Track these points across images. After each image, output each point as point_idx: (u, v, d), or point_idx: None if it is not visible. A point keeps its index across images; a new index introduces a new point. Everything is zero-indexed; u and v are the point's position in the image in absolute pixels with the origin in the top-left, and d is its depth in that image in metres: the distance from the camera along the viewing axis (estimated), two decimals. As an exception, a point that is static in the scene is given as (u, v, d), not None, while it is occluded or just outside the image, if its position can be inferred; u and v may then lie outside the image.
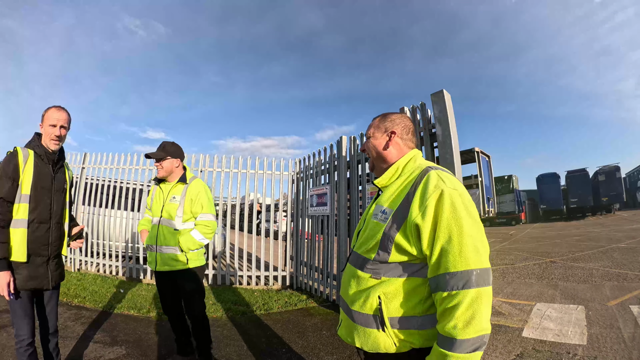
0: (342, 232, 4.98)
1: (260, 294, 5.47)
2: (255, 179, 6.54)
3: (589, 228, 17.46)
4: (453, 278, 1.09)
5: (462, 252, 1.09)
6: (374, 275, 1.29)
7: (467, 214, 1.14)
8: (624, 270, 6.93)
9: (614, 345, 3.43)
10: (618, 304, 4.75)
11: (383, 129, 1.48)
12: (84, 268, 6.67)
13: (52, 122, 2.22)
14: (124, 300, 4.83)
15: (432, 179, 1.20)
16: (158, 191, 2.96)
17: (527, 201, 30.48)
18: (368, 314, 1.27)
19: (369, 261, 1.31)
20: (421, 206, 1.17)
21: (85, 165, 6.91)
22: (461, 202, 1.15)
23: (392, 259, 1.25)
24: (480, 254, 1.11)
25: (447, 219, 1.12)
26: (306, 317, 4.43)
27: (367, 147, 1.52)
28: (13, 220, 2.10)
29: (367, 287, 1.30)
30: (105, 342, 3.45)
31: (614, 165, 26.82)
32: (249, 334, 3.81)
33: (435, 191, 1.16)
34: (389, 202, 1.31)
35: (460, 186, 1.21)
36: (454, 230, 1.11)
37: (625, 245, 10.35)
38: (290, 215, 6.57)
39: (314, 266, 5.62)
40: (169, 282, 2.90)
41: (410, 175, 1.33)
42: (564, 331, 3.82)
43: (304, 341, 3.64)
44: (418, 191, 1.21)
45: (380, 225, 1.29)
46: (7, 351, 3.03)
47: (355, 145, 4.92)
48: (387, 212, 1.29)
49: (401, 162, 1.40)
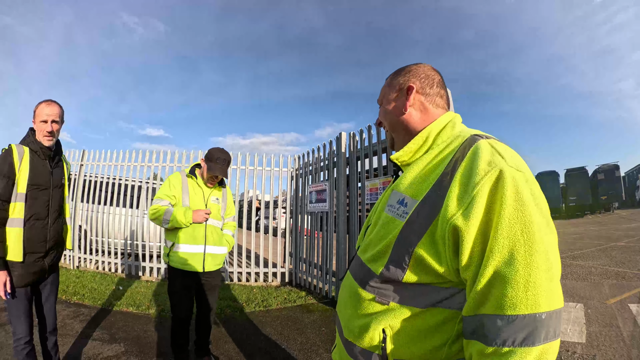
0: (341, 229, 4.97)
1: (259, 290, 5.47)
2: (254, 175, 6.52)
3: (587, 226, 17.49)
4: (509, 326, 0.66)
5: (530, 283, 0.65)
6: (379, 297, 0.86)
7: (541, 216, 0.70)
8: (623, 268, 6.94)
9: (613, 343, 3.43)
10: (617, 302, 4.76)
11: (397, 86, 1.01)
12: (82, 265, 6.66)
13: (43, 118, 2.16)
14: (123, 297, 4.82)
15: (483, 153, 0.75)
16: (194, 186, 2.82)
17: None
18: (365, 350, 0.89)
19: (374, 277, 0.88)
20: (464, 197, 0.72)
21: (83, 162, 6.89)
22: (530, 194, 0.70)
23: (407, 278, 0.81)
24: (555, 287, 0.67)
25: (510, 221, 0.67)
26: (305, 314, 4.43)
27: (380, 117, 1.09)
28: (9, 219, 2.06)
29: (368, 312, 0.89)
30: (104, 339, 3.44)
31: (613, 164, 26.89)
32: (247, 331, 3.80)
33: (490, 172, 0.71)
34: (411, 187, 0.85)
35: (525, 166, 0.75)
36: (519, 242, 0.66)
37: (624, 244, 10.38)
38: (290, 211, 6.56)
39: (313, 263, 5.61)
40: (193, 283, 2.85)
41: (446, 148, 0.86)
42: (563, 329, 3.82)
43: (303, 338, 3.63)
44: (459, 171, 0.76)
45: (394, 222, 0.85)
46: (6, 350, 3.02)
47: (355, 142, 4.90)
48: (409, 204, 0.83)
49: (433, 129, 0.92)
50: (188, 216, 2.63)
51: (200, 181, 2.86)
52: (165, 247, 2.80)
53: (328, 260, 5.16)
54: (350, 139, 4.99)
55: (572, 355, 3.21)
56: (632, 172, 31.82)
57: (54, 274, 2.38)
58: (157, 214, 2.64)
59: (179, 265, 2.69)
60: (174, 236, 2.70)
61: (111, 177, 6.87)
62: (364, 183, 4.58)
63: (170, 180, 2.80)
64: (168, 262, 2.74)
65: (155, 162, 6.60)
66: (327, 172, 5.52)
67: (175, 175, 2.83)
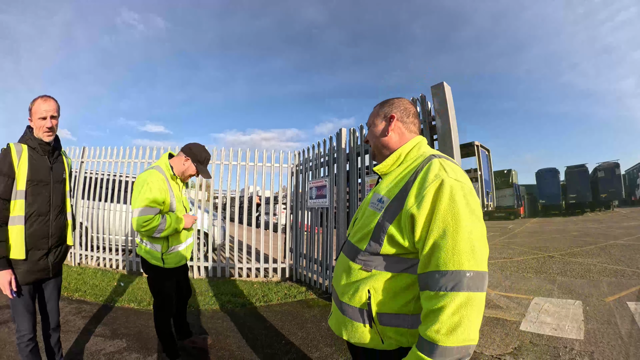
0: (341, 225, 4.99)
1: (260, 286, 5.49)
2: (254, 171, 6.53)
3: (587, 224, 17.51)
4: (443, 277, 0.99)
5: (455, 250, 0.99)
6: (364, 267, 1.21)
7: (468, 209, 1.04)
8: (622, 266, 6.96)
9: (611, 340, 3.45)
10: (615, 300, 4.78)
11: (382, 115, 1.39)
12: (84, 262, 6.69)
13: (42, 115, 2.15)
14: (124, 293, 4.85)
15: (433, 167, 1.11)
16: (175, 187, 2.73)
17: (526, 196, 30.59)
18: (356, 307, 1.22)
19: (361, 252, 1.23)
20: (418, 195, 1.08)
21: (84, 159, 6.90)
22: (462, 195, 1.05)
23: (383, 250, 1.17)
24: (476, 255, 1.00)
25: (444, 210, 1.02)
26: (305, 309, 4.45)
27: (368, 137, 1.45)
28: (10, 217, 2.06)
29: (357, 279, 1.23)
30: (106, 335, 3.47)
31: (614, 162, 26.89)
32: (248, 326, 3.83)
33: (435, 180, 1.07)
34: (387, 190, 1.22)
35: (465, 178, 1.11)
36: (449, 224, 1.01)
37: (623, 242, 10.40)
38: (290, 207, 6.58)
39: (313, 258, 5.63)
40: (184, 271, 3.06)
41: (412, 163, 1.23)
42: (561, 326, 3.84)
43: (303, 332, 3.66)
44: (418, 179, 1.12)
45: (375, 214, 1.21)
46: (9, 347, 3.05)
47: (355, 138, 4.91)
48: (384, 201, 1.20)
49: (404, 149, 1.30)
50: (181, 223, 2.66)
51: (177, 178, 2.76)
52: (152, 250, 2.63)
53: (328, 255, 5.18)
54: (351, 135, 5.00)
55: (569, 352, 3.23)
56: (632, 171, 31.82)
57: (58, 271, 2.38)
58: (150, 225, 2.46)
59: (174, 265, 2.69)
60: (163, 240, 2.61)
61: (112, 174, 6.87)
62: (364, 179, 4.60)
63: (151, 183, 2.52)
64: (160, 265, 2.63)
65: (156, 159, 6.59)
66: (327, 168, 5.53)
67: (157, 177, 2.56)
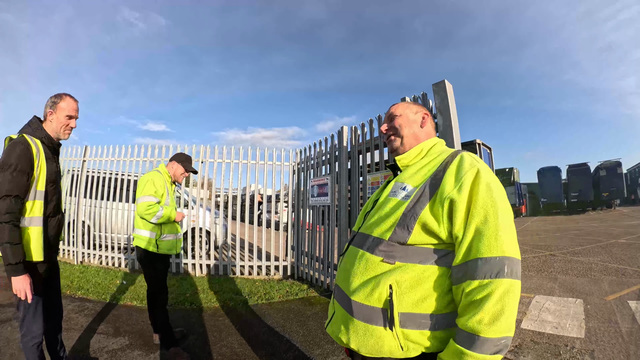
0: (342, 223, 5.00)
1: (262, 283, 5.51)
2: (256, 169, 6.54)
3: (588, 223, 17.48)
4: (487, 264, 0.95)
5: (498, 236, 0.97)
6: (386, 258, 1.09)
7: (502, 199, 1.03)
8: (623, 265, 6.95)
9: (612, 339, 3.46)
10: (616, 298, 4.78)
11: (415, 109, 1.40)
12: (86, 260, 6.72)
13: (71, 113, 2.13)
14: (127, 291, 4.87)
15: (466, 158, 1.11)
16: (168, 187, 3.32)
17: (528, 194, 30.55)
18: (374, 307, 1.07)
19: (383, 242, 1.12)
20: (457, 181, 1.05)
21: (86, 158, 6.93)
22: (496, 186, 1.05)
23: (412, 240, 1.07)
24: (514, 242, 0.99)
25: (484, 198, 1.01)
26: (307, 307, 4.47)
27: (398, 122, 1.38)
28: (27, 218, 1.95)
29: (376, 273, 1.10)
30: (109, 333, 3.49)
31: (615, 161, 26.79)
32: (250, 324, 3.85)
33: (471, 169, 1.06)
34: (413, 179, 1.18)
35: (492, 172, 1.11)
36: (490, 210, 0.99)
37: (624, 241, 10.37)
38: (291, 205, 6.60)
39: (314, 256, 5.65)
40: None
41: (437, 157, 1.22)
42: (562, 324, 3.85)
43: (305, 330, 3.67)
44: (452, 167, 1.10)
45: (401, 203, 1.13)
46: (13, 344, 3.06)
47: (357, 136, 4.91)
48: (410, 189, 1.15)
49: (426, 144, 1.31)
50: (174, 214, 3.19)
51: (167, 178, 3.36)
52: (148, 237, 3.09)
53: (330, 253, 5.20)
54: (352, 133, 5.01)
55: (570, 350, 3.24)
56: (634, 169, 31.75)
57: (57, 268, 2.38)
58: (152, 209, 3.02)
59: (165, 251, 3.14)
60: (158, 228, 3.12)
61: (113, 172, 6.90)
62: (365, 177, 4.60)
63: (154, 179, 3.16)
64: (154, 250, 3.07)
65: (157, 157, 6.63)
66: (328, 166, 5.54)
67: (158, 176, 3.23)
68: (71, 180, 7.12)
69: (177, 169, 3.40)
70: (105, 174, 6.88)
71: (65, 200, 7.09)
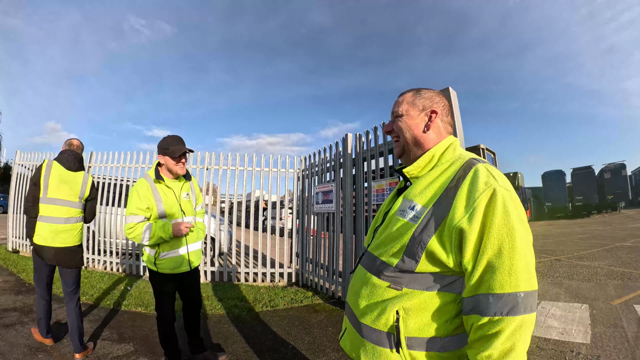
0: (347, 230, 5.02)
1: (266, 290, 5.52)
2: (260, 176, 6.58)
3: (594, 226, 17.40)
4: (499, 301, 0.90)
5: (512, 270, 0.89)
6: (393, 284, 1.06)
7: (521, 223, 0.93)
8: (629, 269, 6.92)
9: (618, 344, 3.45)
10: (622, 303, 4.76)
11: (420, 106, 1.20)
12: (91, 266, 6.76)
13: None
14: (131, 297, 4.89)
15: (481, 174, 0.98)
16: (164, 190, 2.71)
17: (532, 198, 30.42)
18: (381, 331, 1.07)
19: (390, 267, 1.07)
20: (468, 207, 0.95)
21: (91, 164, 6.99)
22: (514, 207, 0.93)
23: (420, 268, 1.02)
24: (531, 273, 0.92)
25: (499, 226, 0.91)
26: (312, 314, 4.47)
27: (400, 127, 1.22)
28: None
29: (383, 298, 1.08)
30: (113, 339, 3.50)
31: (620, 163, 26.69)
32: (255, 331, 3.86)
33: (486, 190, 0.94)
34: (422, 197, 1.07)
35: (511, 187, 0.99)
36: (505, 241, 0.90)
37: (630, 244, 10.33)
38: (296, 212, 6.62)
39: (319, 263, 5.66)
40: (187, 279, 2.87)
41: (449, 167, 1.08)
42: (567, 329, 3.84)
43: (310, 337, 3.68)
44: (464, 187, 0.98)
45: (409, 226, 1.05)
46: (17, 349, 3.09)
47: (361, 143, 4.94)
48: (419, 210, 1.05)
49: (437, 150, 1.14)
50: (168, 230, 2.58)
51: (168, 181, 2.74)
52: (148, 254, 2.69)
53: (334, 260, 5.21)
54: (357, 140, 5.03)
55: (576, 356, 3.23)
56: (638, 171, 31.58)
57: None
58: (134, 232, 2.54)
59: (169, 271, 2.68)
60: (155, 246, 2.64)
61: (118, 178, 6.96)
62: (370, 184, 4.62)
63: (137, 191, 2.61)
64: (154, 269, 2.68)
65: (162, 164, 6.65)
66: (333, 172, 5.57)
67: (142, 184, 2.64)
68: None
69: (167, 162, 2.69)
70: (110, 180, 6.95)
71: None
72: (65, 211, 3.07)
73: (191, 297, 2.99)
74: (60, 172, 3.04)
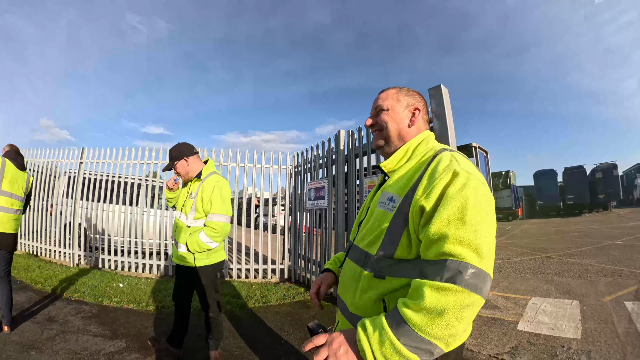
0: (339, 226, 5.01)
1: (259, 287, 5.50)
2: (253, 172, 6.55)
3: (585, 225, 17.55)
4: (440, 266, 0.89)
5: (458, 239, 0.89)
6: (377, 273, 1.09)
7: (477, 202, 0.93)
8: (619, 266, 6.98)
9: (608, 340, 3.47)
10: (613, 299, 4.80)
11: (405, 103, 1.27)
12: (83, 263, 6.69)
13: None
14: (124, 294, 4.84)
15: (444, 160, 1.03)
16: (185, 189, 3.06)
17: (525, 197, 30.66)
18: None
19: (372, 257, 1.11)
20: (428, 187, 0.99)
21: (83, 160, 6.92)
22: (473, 187, 0.95)
23: (398, 254, 1.05)
24: (481, 250, 0.89)
25: (452, 199, 0.93)
26: (304, 310, 4.47)
27: (384, 120, 1.27)
28: None
29: (369, 287, 1.11)
30: (106, 335, 3.48)
31: (611, 163, 26.96)
32: (248, 327, 3.84)
33: (445, 171, 0.98)
34: (397, 188, 1.12)
35: (476, 171, 1.02)
36: (456, 212, 0.92)
37: (621, 243, 10.42)
38: (288, 209, 6.60)
39: (311, 259, 5.65)
40: (182, 274, 2.90)
41: (422, 158, 1.14)
42: (558, 325, 3.86)
43: (302, 333, 3.67)
44: (428, 171, 1.04)
45: (386, 215, 1.10)
46: (10, 346, 3.10)
47: (353, 140, 4.93)
48: (396, 200, 1.09)
49: (412, 144, 1.21)
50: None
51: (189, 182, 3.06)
52: None
53: (326, 256, 5.20)
54: (349, 137, 5.02)
55: (567, 351, 3.25)
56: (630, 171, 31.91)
57: None
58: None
59: (174, 257, 2.96)
60: None
61: (110, 174, 6.90)
62: (362, 180, 4.62)
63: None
64: None
65: (154, 160, 6.62)
66: (325, 169, 5.56)
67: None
68: (68, 182, 7.11)
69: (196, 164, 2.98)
70: (102, 177, 6.89)
71: (62, 201, 7.14)
72: (16, 203, 3.62)
73: (187, 292, 2.96)
74: (13, 170, 3.60)
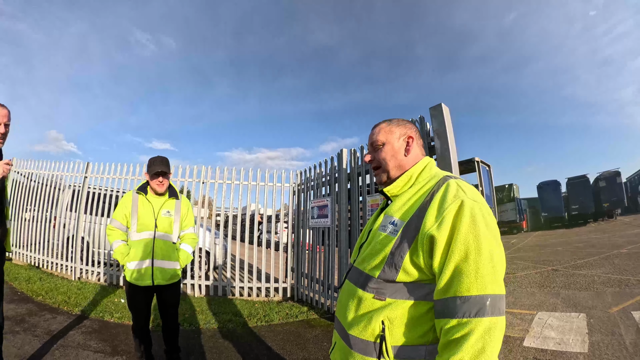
0: (343, 244, 5.00)
1: (261, 305, 5.47)
2: (256, 190, 6.58)
3: (590, 234, 17.40)
4: (466, 303, 0.93)
5: (478, 273, 0.94)
6: (377, 295, 1.12)
7: (487, 230, 1.00)
8: (626, 276, 6.91)
9: (616, 352, 3.43)
10: (620, 310, 4.75)
11: (398, 133, 1.32)
12: (84, 277, 6.68)
13: None
14: (125, 310, 4.80)
15: (451, 188, 1.07)
16: (143, 202, 2.86)
17: (529, 209, 30.44)
18: (369, 341, 1.12)
19: (373, 279, 1.14)
20: (438, 216, 1.03)
21: (87, 174, 7.00)
22: (482, 216, 1.01)
23: (400, 277, 1.08)
24: (497, 278, 0.96)
25: (465, 233, 0.98)
26: (307, 329, 4.43)
27: (383, 157, 1.32)
28: None
29: (369, 309, 1.13)
30: (106, 351, 3.46)
31: (615, 171, 26.81)
32: (250, 346, 3.81)
33: (454, 201, 1.03)
34: (401, 212, 1.16)
35: (481, 199, 1.08)
36: (471, 246, 0.96)
37: (626, 251, 10.33)
38: (291, 226, 6.60)
39: (314, 278, 5.62)
40: (150, 297, 2.88)
41: (426, 184, 1.19)
42: (565, 339, 3.81)
43: (305, 353, 3.64)
44: (436, 199, 1.07)
45: (389, 239, 1.13)
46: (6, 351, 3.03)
47: (356, 158, 4.97)
48: (398, 224, 1.13)
49: (415, 170, 1.26)
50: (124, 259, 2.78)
51: (150, 196, 2.89)
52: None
53: (330, 275, 5.18)
54: (352, 155, 5.06)
55: (574, 366, 3.21)
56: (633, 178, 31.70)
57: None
58: (110, 236, 2.85)
59: (133, 281, 2.75)
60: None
61: (114, 190, 6.96)
62: (365, 198, 4.63)
63: (123, 200, 2.91)
64: (125, 275, 2.80)
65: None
66: (328, 187, 5.58)
67: (127, 194, 2.93)
68: (72, 196, 7.16)
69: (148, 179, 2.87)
70: (106, 191, 6.95)
71: (65, 215, 7.15)
72: None
73: (165, 319, 2.99)
74: None
